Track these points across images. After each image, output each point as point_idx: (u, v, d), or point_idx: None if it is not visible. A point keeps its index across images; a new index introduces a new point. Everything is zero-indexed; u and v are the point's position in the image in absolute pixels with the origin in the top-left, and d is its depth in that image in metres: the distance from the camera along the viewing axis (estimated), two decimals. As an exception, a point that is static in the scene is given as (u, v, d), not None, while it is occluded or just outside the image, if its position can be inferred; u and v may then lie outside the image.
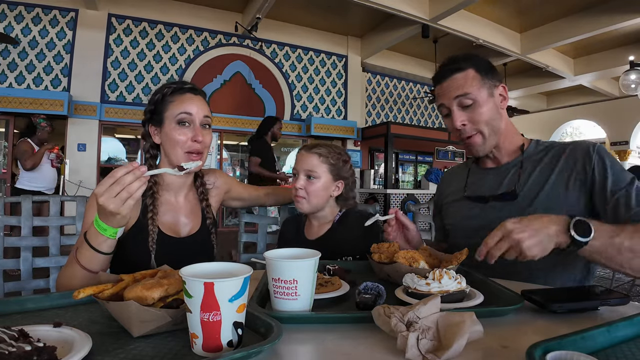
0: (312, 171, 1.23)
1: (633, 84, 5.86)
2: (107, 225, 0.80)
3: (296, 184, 1.24)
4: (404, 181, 11.09)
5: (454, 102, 1.06)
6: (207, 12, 7.99)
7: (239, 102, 8.20)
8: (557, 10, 7.39)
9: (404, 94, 10.95)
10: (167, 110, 1.08)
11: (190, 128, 1.07)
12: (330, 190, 1.26)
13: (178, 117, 1.06)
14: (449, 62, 1.09)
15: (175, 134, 1.06)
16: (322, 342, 0.57)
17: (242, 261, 1.47)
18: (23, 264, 1.25)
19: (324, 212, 1.30)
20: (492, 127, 1.07)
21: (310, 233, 1.32)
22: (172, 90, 1.10)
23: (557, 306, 0.68)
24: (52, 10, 6.87)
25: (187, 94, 1.10)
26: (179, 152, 1.06)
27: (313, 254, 0.68)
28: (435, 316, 0.53)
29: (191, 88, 1.12)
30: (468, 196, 1.16)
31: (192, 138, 1.06)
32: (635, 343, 0.53)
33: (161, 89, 1.12)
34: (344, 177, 1.29)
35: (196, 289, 0.50)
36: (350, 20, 8.61)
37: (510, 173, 1.10)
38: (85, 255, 0.84)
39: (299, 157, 1.27)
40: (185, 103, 1.07)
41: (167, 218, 1.11)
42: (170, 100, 1.08)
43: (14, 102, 6.42)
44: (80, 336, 0.52)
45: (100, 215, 0.79)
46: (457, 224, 1.18)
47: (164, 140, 1.09)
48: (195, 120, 1.08)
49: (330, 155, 1.25)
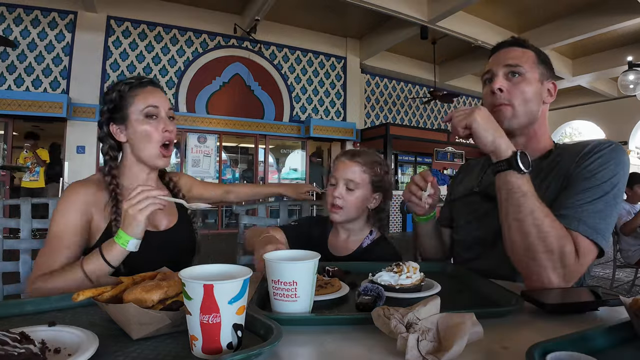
0: (353, 181, 1.16)
1: (631, 85, 5.86)
2: (125, 233, 0.85)
3: (334, 192, 1.17)
4: (403, 182, 11.09)
5: (503, 69, 1.02)
6: (205, 14, 8.00)
7: (237, 104, 8.21)
8: (555, 11, 7.42)
9: (403, 95, 10.97)
10: (132, 105, 1.05)
11: (158, 120, 1.07)
12: (368, 202, 1.20)
13: (145, 110, 1.05)
14: (513, 39, 1.08)
15: (144, 127, 1.05)
16: (321, 344, 0.57)
17: (241, 263, 1.47)
18: (22, 266, 1.25)
19: (355, 225, 1.23)
20: (527, 108, 1.00)
21: (335, 245, 1.25)
22: (131, 86, 1.07)
23: (556, 307, 0.68)
24: (51, 13, 6.88)
25: (149, 87, 1.09)
26: (152, 146, 1.06)
27: (312, 256, 0.68)
28: (435, 317, 0.53)
29: (151, 81, 1.11)
30: (479, 192, 1.13)
31: (163, 129, 1.06)
32: (635, 344, 0.53)
33: (117, 86, 1.08)
34: (385, 189, 1.22)
35: (196, 291, 0.50)
36: (349, 22, 8.64)
37: None
38: (93, 263, 0.86)
39: (339, 165, 1.20)
40: (150, 96, 1.06)
41: None
42: (133, 95, 1.06)
43: (13, 105, 6.42)
44: (87, 336, 0.52)
45: (123, 224, 0.86)
46: (464, 220, 1.16)
47: (132, 137, 1.06)
48: (161, 112, 1.07)
49: (375, 165, 1.19)
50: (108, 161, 1.08)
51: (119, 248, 0.85)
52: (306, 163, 9.51)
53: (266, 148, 8.96)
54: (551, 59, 1.11)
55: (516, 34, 8.38)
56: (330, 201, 1.18)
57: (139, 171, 1.11)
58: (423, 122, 11.25)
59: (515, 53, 1.04)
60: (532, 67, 1.02)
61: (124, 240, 0.85)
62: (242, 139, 8.99)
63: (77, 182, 1.06)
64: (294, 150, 10.03)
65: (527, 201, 0.81)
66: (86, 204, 1.01)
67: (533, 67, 1.02)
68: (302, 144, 9.66)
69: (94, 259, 0.86)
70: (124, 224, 0.85)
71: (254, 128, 8.54)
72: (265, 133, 8.71)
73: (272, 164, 9.66)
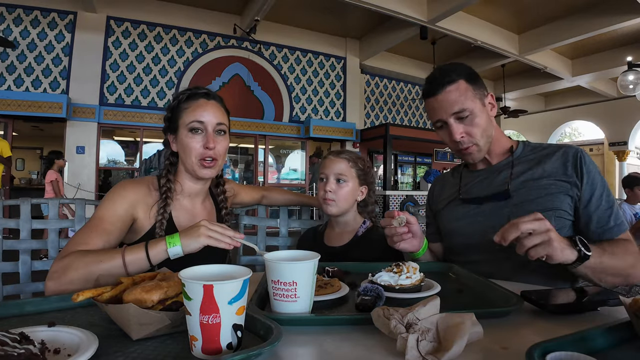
0: (342, 175, 1.27)
1: (631, 85, 5.87)
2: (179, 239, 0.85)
3: (326, 187, 1.26)
4: (403, 183, 11.10)
5: (452, 117, 1.06)
6: (205, 14, 8.00)
7: (237, 104, 8.21)
8: (555, 11, 7.42)
9: (403, 96, 10.97)
10: (181, 118, 1.08)
11: (203, 135, 1.07)
12: (356, 195, 1.30)
13: (190, 125, 1.06)
14: (440, 75, 1.07)
15: (187, 141, 1.06)
16: (321, 344, 0.57)
17: (241, 263, 1.47)
18: (22, 266, 1.25)
19: (348, 217, 1.32)
20: (487, 136, 1.10)
21: (330, 239, 1.33)
22: (186, 97, 1.09)
23: (556, 307, 0.68)
24: (50, 13, 6.88)
25: (201, 100, 1.09)
26: (192, 159, 1.07)
27: (312, 256, 0.68)
28: (434, 317, 0.53)
29: (205, 93, 1.11)
30: (463, 198, 1.17)
31: (204, 145, 1.06)
32: (635, 344, 0.53)
33: (177, 95, 1.11)
34: (369, 182, 1.34)
35: (195, 292, 0.50)
36: (348, 22, 8.64)
37: (501, 173, 1.12)
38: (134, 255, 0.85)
39: (327, 162, 1.30)
40: (197, 110, 1.07)
41: (183, 221, 1.11)
42: (185, 107, 1.08)
43: (12, 105, 6.42)
44: (87, 336, 0.52)
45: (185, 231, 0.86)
46: (453, 226, 1.18)
47: (179, 148, 1.10)
48: (207, 128, 1.07)
49: (358, 161, 1.31)
50: (167, 165, 1.14)
51: (164, 247, 0.84)
52: (306, 163, 9.50)
53: (266, 148, 8.96)
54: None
55: (516, 34, 8.44)
56: (323, 195, 1.28)
57: (187, 179, 1.14)
58: (423, 122, 11.25)
59: (452, 95, 1.05)
60: (472, 97, 1.06)
61: (173, 242, 0.84)
62: (242, 139, 8.98)
63: (129, 180, 1.10)
64: (294, 151, 10.03)
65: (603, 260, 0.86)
66: (135, 200, 1.03)
67: (472, 97, 1.06)
68: (301, 144, 9.66)
69: (137, 251, 0.85)
70: (187, 232, 0.85)
71: (254, 128, 8.54)
72: (265, 133, 8.71)
73: (271, 164, 9.66)
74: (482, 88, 1.09)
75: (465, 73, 1.08)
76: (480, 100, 1.08)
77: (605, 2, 6.91)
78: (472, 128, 1.07)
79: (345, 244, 1.28)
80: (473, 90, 1.07)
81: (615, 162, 11.46)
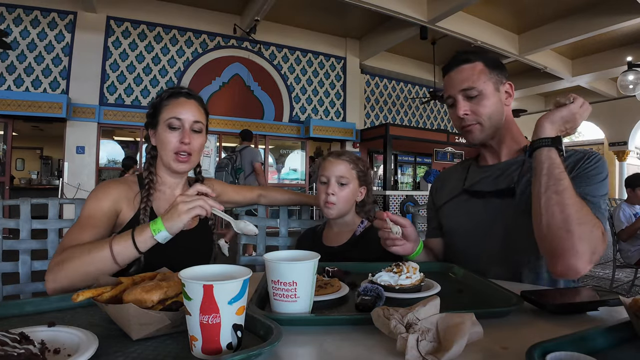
0: (344, 177, 1.27)
1: (631, 85, 5.86)
2: (162, 223, 0.85)
3: (328, 190, 1.26)
4: (403, 183, 11.10)
5: (460, 94, 1.08)
6: (205, 14, 8.00)
7: (237, 104, 8.21)
8: (554, 11, 7.43)
9: (403, 96, 10.97)
10: (161, 114, 1.13)
11: (180, 131, 1.12)
12: (356, 196, 1.31)
13: (168, 121, 1.11)
14: (458, 54, 1.11)
15: (165, 135, 1.12)
16: (321, 344, 0.57)
17: (241, 263, 1.47)
18: (22, 266, 1.25)
19: (346, 217, 1.32)
20: (493, 121, 1.09)
21: (329, 239, 1.33)
22: (168, 95, 1.15)
23: (556, 307, 0.68)
24: (50, 13, 6.88)
25: (181, 99, 1.14)
26: (168, 153, 1.12)
27: (312, 256, 0.68)
28: (434, 317, 0.53)
29: (186, 93, 1.16)
30: (466, 189, 1.16)
31: (180, 140, 1.11)
32: (635, 344, 0.53)
33: (161, 93, 1.17)
34: (368, 182, 1.35)
35: (195, 292, 0.50)
36: (348, 22, 8.64)
37: (510, 170, 1.10)
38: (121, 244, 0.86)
39: (327, 164, 1.30)
40: (176, 108, 1.12)
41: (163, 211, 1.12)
42: (165, 104, 1.13)
43: (12, 105, 6.41)
44: (87, 336, 0.52)
45: (165, 214, 0.87)
46: (454, 221, 1.17)
47: (157, 142, 1.15)
48: (184, 125, 1.12)
49: (359, 162, 1.31)
50: (149, 159, 1.20)
51: (149, 234, 0.85)
52: (306, 163, 9.50)
53: (266, 148, 8.95)
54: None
55: (516, 34, 8.45)
56: (324, 198, 1.27)
57: (165, 172, 1.19)
58: (423, 122, 11.25)
59: (465, 73, 1.08)
60: (485, 80, 1.07)
61: (157, 227, 0.85)
62: (242, 139, 8.98)
63: (110, 180, 1.16)
64: (294, 151, 10.03)
65: (566, 177, 0.86)
66: (117, 196, 1.08)
67: (486, 79, 1.07)
68: (301, 144, 9.65)
69: (124, 240, 0.86)
70: (167, 214, 0.86)
71: (254, 128, 8.51)
72: (265, 133, 8.71)
73: (271, 164, 9.66)
74: (500, 76, 1.10)
75: (485, 58, 1.09)
76: (495, 85, 1.08)
77: (605, 2, 6.91)
78: (479, 107, 1.07)
79: (343, 244, 1.28)
80: (489, 73, 1.07)
81: (615, 162, 11.46)
